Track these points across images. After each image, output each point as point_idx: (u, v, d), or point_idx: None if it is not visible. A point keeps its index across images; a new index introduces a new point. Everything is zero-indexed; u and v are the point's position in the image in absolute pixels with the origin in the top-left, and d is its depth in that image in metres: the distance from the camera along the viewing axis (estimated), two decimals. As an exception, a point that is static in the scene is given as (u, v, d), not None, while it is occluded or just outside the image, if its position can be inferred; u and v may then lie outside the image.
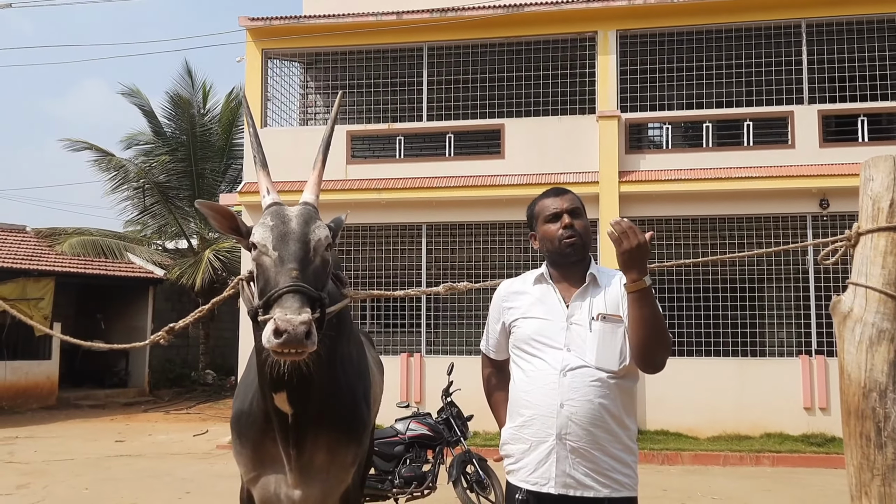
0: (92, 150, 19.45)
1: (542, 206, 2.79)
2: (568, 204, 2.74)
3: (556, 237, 2.71)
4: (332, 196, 12.33)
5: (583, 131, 12.46)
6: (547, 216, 2.75)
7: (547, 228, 2.74)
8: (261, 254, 2.53)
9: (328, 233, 2.64)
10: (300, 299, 2.32)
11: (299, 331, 2.23)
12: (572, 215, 2.72)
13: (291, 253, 2.47)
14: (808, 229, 11.74)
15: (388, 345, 13.00)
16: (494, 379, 2.95)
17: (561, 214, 2.72)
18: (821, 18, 12.18)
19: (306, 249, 2.51)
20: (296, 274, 2.40)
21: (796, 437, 11.08)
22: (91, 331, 18.15)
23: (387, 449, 6.91)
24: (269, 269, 2.47)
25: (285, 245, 2.49)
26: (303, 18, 13.33)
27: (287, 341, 2.23)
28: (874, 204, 2.24)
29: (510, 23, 12.76)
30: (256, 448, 2.98)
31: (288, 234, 2.53)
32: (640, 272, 2.43)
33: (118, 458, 10.43)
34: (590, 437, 2.52)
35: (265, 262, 2.50)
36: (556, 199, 2.76)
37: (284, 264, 2.44)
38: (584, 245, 2.72)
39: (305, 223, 2.59)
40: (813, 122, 11.99)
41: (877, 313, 2.15)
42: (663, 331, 2.51)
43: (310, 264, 2.50)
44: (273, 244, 2.51)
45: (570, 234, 2.69)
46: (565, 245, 2.69)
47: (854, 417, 2.16)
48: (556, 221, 2.72)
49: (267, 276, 2.46)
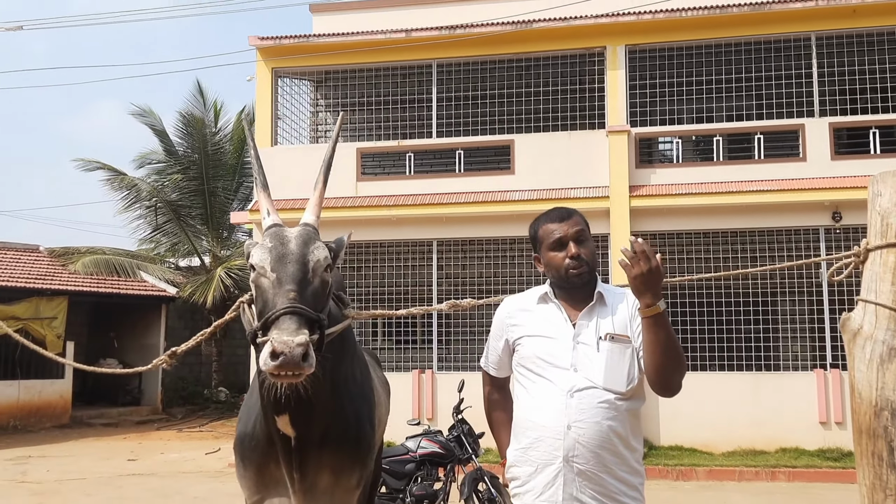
0: (104, 169, 19.55)
1: (546, 231, 2.71)
2: (573, 229, 2.66)
3: (562, 266, 2.64)
4: (343, 213, 12.37)
5: (593, 146, 12.44)
6: (551, 243, 2.67)
7: (553, 257, 2.67)
8: (259, 275, 2.52)
9: (327, 254, 2.62)
10: (297, 321, 2.31)
11: (296, 353, 2.21)
12: (578, 242, 2.64)
13: (289, 274, 2.45)
14: (820, 242, 11.66)
15: (399, 361, 12.97)
16: (495, 397, 2.91)
17: (566, 242, 2.64)
18: (830, 31, 12.15)
19: (305, 270, 2.50)
20: (293, 295, 2.38)
21: (812, 452, 10.95)
22: (104, 349, 18.22)
23: (398, 467, 6.87)
24: (267, 290, 2.46)
25: (283, 266, 2.48)
26: (312, 37, 13.40)
27: (283, 363, 2.21)
28: (882, 220, 2.21)
29: (519, 39, 12.79)
30: (260, 471, 2.95)
31: (286, 256, 2.51)
32: (654, 297, 2.35)
33: (130, 477, 10.42)
34: (597, 459, 2.48)
35: (263, 283, 2.49)
36: (561, 225, 2.68)
37: (282, 286, 2.42)
38: (591, 271, 2.67)
39: (304, 244, 2.57)
40: (824, 134, 11.92)
41: (887, 330, 2.12)
42: (679, 354, 2.45)
43: (308, 285, 2.48)
44: (271, 265, 2.49)
45: (577, 264, 2.62)
46: (573, 275, 2.63)
47: (866, 436, 2.12)
48: (562, 249, 2.65)
49: (265, 298, 2.45)
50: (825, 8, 11.91)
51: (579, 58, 13.11)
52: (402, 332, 13.43)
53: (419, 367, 12.53)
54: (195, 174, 19.56)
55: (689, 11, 12.15)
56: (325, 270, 2.58)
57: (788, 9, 11.98)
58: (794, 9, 11.96)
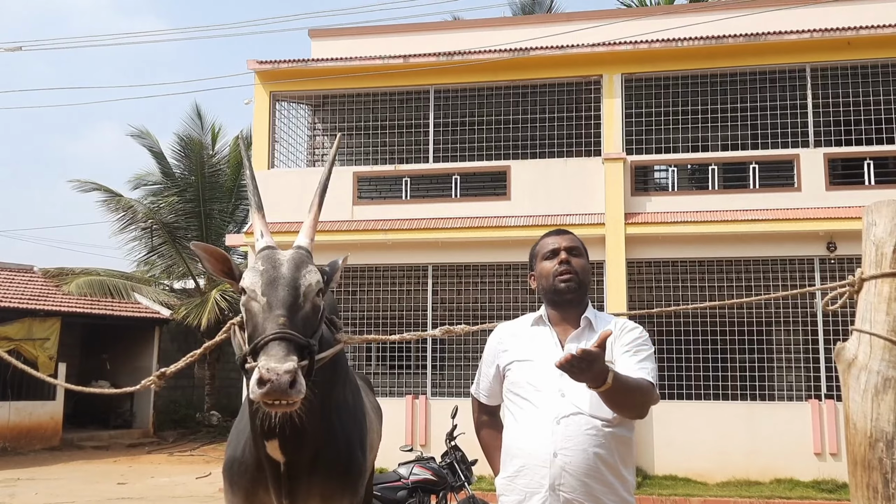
0: (101, 190, 19.53)
1: (542, 244, 2.80)
2: (567, 242, 2.74)
3: (550, 273, 2.69)
4: (339, 237, 12.36)
5: (588, 173, 12.48)
6: (545, 253, 2.74)
7: (544, 265, 2.73)
8: (250, 299, 2.49)
9: (320, 277, 2.59)
10: (286, 347, 2.28)
11: (283, 380, 2.18)
12: (570, 252, 2.71)
13: (280, 299, 2.43)
14: (815, 272, 11.67)
15: (392, 386, 12.90)
16: (488, 426, 2.88)
17: (559, 252, 2.71)
18: (825, 62, 12.25)
19: (295, 295, 2.47)
20: (283, 321, 2.35)
21: (807, 483, 10.88)
22: (96, 371, 18.08)
23: (390, 494, 6.80)
24: (257, 314, 2.43)
25: (274, 290, 2.45)
26: (311, 62, 13.47)
27: (270, 391, 2.18)
28: (877, 249, 2.20)
29: (516, 66, 12.87)
30: (248, 497, 2.91)
31: (277, 280, 2.48)
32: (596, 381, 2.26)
33: (120, 501, 10.30)
34: (584, 488, 2.44)
35: (254, 307, 2.46)
36: (557, 238, 2.77)
37: (272, 310, 2.40)
38: (581, 284, 2.68)
39: (296, 268, 2.54)
40: (819, 164, 11.98)
41: (882, 360, 2.11)
42: (641, 398, 2.45)
43: (299, 310, 2.45)
44: (262, 289, 2.47)
45: (564, 269, 2.67)
46: (559, 281, 2.66)
47: (860, 468, 2.10)
48: (554, 258, 2.71)
49: (255, 323, 2.42)
50: (820, 40, 12.01)
51: (576, 85, 13.19)
52: (396, 358, 13.37)
53: (413, 392, 12.46)
54: (192, 196, 19.56)
55: (685, 41, 12.25)
56: (317, 295, 2.56)
57: (783, 40, 12.08)
58: (789, 40, 12.07)
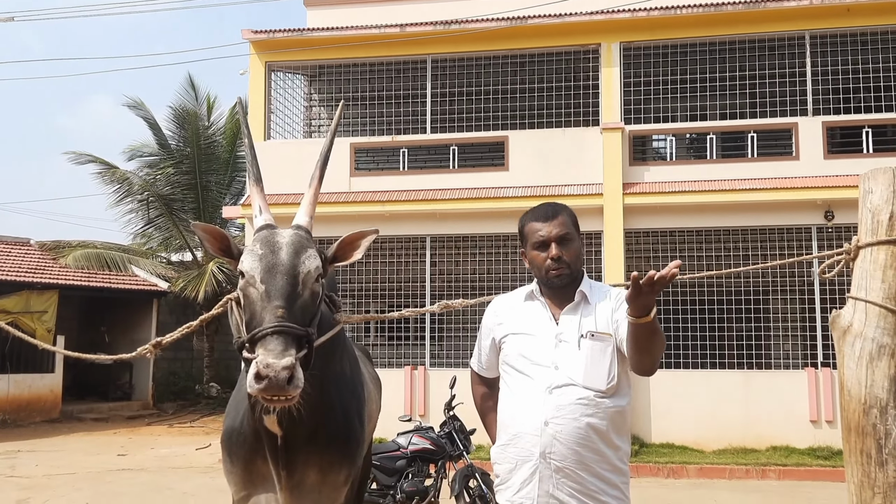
0: (96, 162, 19.42)
1: (531, 229, 2.71)
2: (557, 230, 2.65)
3: (543, 267, 2.65)
4: (336, 208, 12.34)
5: (587, 143, 12.44)
6: (534, 243, 2.68)
7: (535, 255, 2.69)
8: (248, 284, 2.46)
9: (319, 263, 2.55)
10: (284, 340, 2.26)
11: (280, 377, 2.17)
12: (560, 243, 2.64)
13: (279, 288, 2.39)
14: (812, 241, 11.68)
15: (391, 358, 12.96)
16: (486, 398, 2.90)
17: (549, 243, 2.64)
18: (824, 30, 12.16)
19: (294, 283, 2.43)
20: (281, 313, 2.32)
21: (802, 451, 10.98)
22: (95, 343, 18.12)
23: (389, 463, 6.86)
24: (255, 302, 2.40)
25: (273, 279, 2.41)
26: (306, 31, 13.36)
27: (268, 387, 2.18)
28: (873, 217, 2.20)
29: (514, 35, 12.77)
30: (247, 467, 2.92)
31: (276, 267, 2.44)
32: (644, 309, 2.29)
33: (120, 472, 10.38)
34: (575, 456, 2.46)
35: (252, 294, 2.43)
36: (546, 225, 2.67)
37: (271, 300, 2.36)
38: (572, 273, 2.66)
39: (296, 253, 2.49)
40: (817, 133, 11.94)
41: (877, 328, 2.12)
42: (660, 346, 2.45)
43: (297, 299, 2.42)
44: (260, 276, 2.43)
45: (556, 266, 2.63)
46: (552, 276, 2.64)
47: (854, 434, 2.12)
48: (544, 250, 2.65)
49: (253, 310, 2.40)
50: (819, 7, 11.92)
51: (574, 55, 13.10)
52: (395, 329, 13.42)
53: (411, 363, 12.52)
54: (188, 168, 19.47)
55: (683, 9, 12.15)
56: (317, 281, 2.52)
57: (782, 7, 11.99)
58: (788, 7, 11.98)
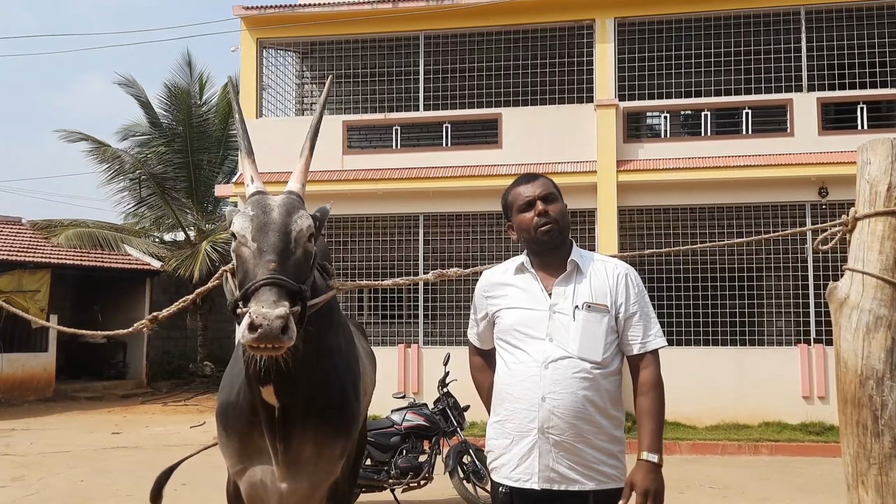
0: (87, 140, 19.26)
1: (515, 194, 2.73)
2: (540, 189, 2.68)
3: (531, 226, 2.65)
4: (329, 187, 12.28)
5: (581, 120, 12.39)
6: (520, 205, 2.69)
7: (522, 218, 2.69)
8: (240, 244, 2.46)
9: (311, 223, 2.56)
10: (277, 292, 2.25)
11: (274, 325, 2.17)
12: (546, 201, 2.65)
13: (271, 244, 2.39)
14: (807, 218, 11.68)
15: (385, 335, 12.96)
16: (482, 369, 2.89)
17: (534, 202, 2.65)
18: (820, 5, 12.09)
19: (287, 240, 2.44)
20: (274, 266, 2.32)
21: (795, 426, 11.05)
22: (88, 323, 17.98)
23: (383, 439, 6.88)
24: (247, 260, 2.40)
25: (264, 236, 2.42)
26: (298, 7, 13.24)
27: (261, 336, 2.16)
28: (871, 188, 2.19)
29: (507, 11, 12.67)
30: (243, 440, 2.92)
31: (268, 225, 2.45)
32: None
33: (114, 450, 10.40)
34: (573, 430, 2.47)
35: (244, 253, 2.43)
36: (528, 186, 2.70)
37: (263, 256, 2.37)
38: (561, 230, 2.66)
39: (287, 213, 2.51)
40: (812, 109, 11.92)
41: (874, 299, 2.11)
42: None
43: (290, 256, 2.42)
44: (252, 234, 2.43)
45: (544, 221, 2.63)
46: (541, 233, 2.64)
47: (850, 405, 2.11)
48: (530, 210, 2.66)
49: (246, 268, 2.39)
50: (815, -18, 11.86)
51: (568, 31, 13.01)
52: (389, 307, 13.42)
53: (405, 341, 12.53)
54: (180, 147, 19.36)
55: (678, -16, 12.07)
56: (309, 240, 2.53)
57: (778, -18, 11.92)
58: (783, -17, 11.90)
